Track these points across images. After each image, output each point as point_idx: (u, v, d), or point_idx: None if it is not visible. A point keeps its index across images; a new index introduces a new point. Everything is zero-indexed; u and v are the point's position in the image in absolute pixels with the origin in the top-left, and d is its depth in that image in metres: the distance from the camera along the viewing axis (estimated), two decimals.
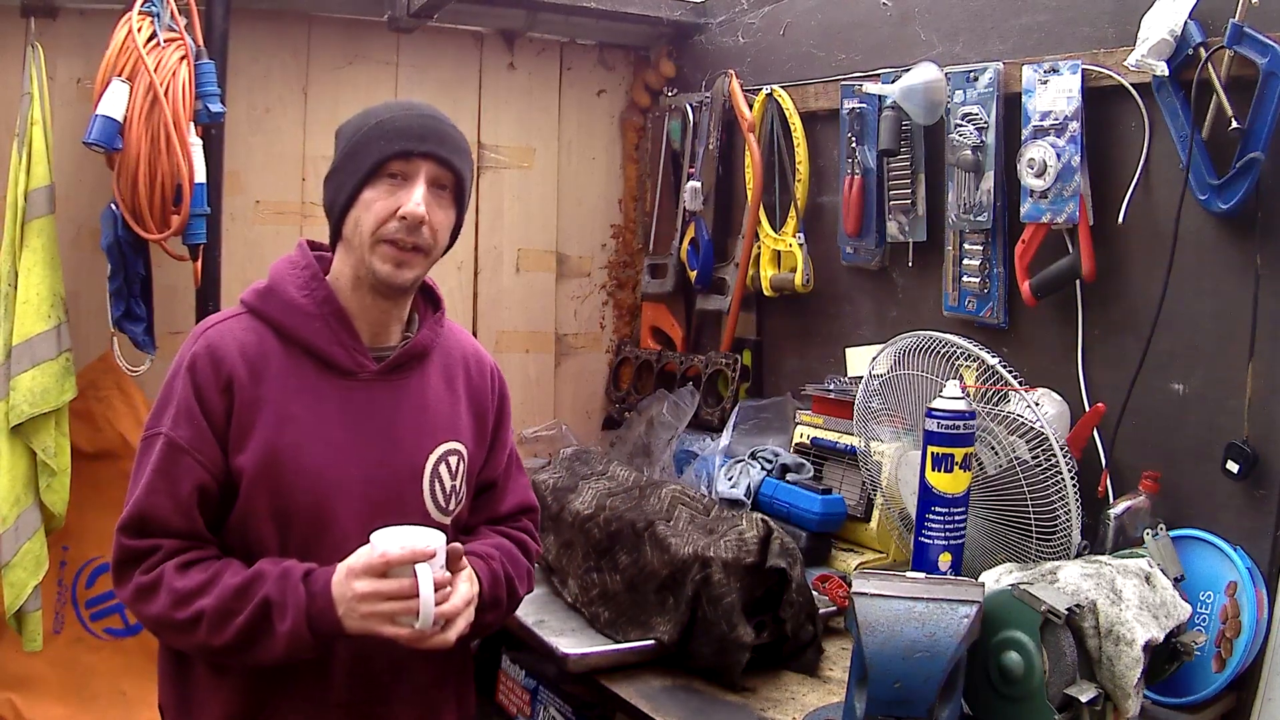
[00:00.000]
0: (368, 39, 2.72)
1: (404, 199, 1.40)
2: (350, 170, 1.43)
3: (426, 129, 1.43)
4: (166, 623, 1.36)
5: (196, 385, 1.39)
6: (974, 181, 2.14)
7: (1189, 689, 1.70)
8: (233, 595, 1.32)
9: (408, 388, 1.50)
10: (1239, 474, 1.75)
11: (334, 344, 1.44)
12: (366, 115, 1.46)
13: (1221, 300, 1.81)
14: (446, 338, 1.59)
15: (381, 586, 1.29)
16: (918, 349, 1.94)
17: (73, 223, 2.36)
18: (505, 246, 2.99)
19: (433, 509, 1.49)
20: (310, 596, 1.31)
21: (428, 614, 1.29)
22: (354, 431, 1.44)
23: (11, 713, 2.32)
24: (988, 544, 1.86)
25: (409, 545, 1.30)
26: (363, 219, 1.42)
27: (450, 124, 1.48)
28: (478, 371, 1.62)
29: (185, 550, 1.37)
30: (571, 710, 1.93)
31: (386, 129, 1.42)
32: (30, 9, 2.28)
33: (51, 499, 2.20)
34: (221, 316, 1.48)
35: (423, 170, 1.42)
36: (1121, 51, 1.85)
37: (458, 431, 1.54)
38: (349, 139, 1.45)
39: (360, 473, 1.43)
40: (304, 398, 1.42)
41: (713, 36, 2.92)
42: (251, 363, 1.41)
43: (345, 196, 1.43)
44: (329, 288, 1.46)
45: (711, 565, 1.71)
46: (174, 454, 1.37)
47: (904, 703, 1.35)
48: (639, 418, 2.81)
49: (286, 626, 1.31)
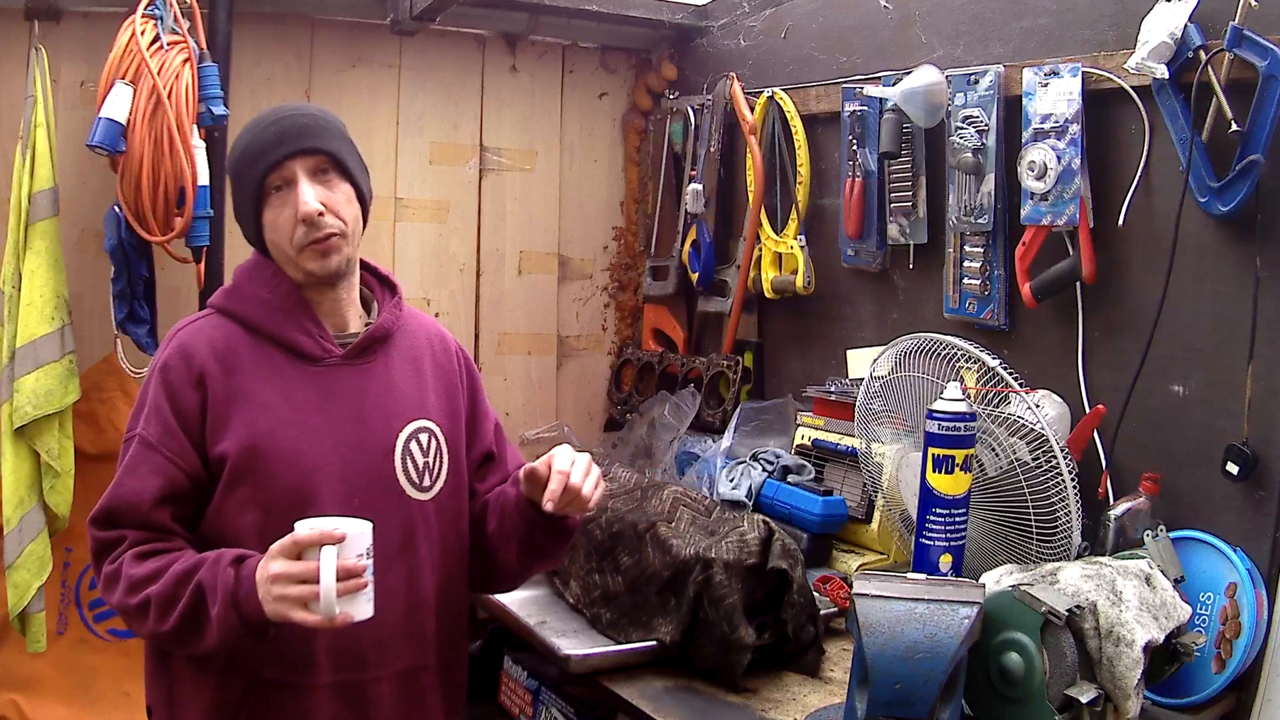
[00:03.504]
0: (370, 42, 2.73)
1: (296, 203, 1.46)
2: (243, 203, 1.52)
3: (284, 131, 1.48)
4: (125, 610, 1.40)
5: (168, 385, 1.45)
6: (975, 184, 2.14)
7: (1189, 690, 1.71)
8: (175, 582, 1.35)
9: (373, 370, 1.54)
10: (1239, 475, 1.75)
11: (299, 332, 1.50)
12: (234, 147, 1.54)
13: (1221, 302, 1.82)
14: (408, 321, 1.63)
15: (290, 568, 1.29)
16: (919, 351, 1.94)
17: (76, 225, 2.37)
18: (507, 249, 3.00)
19: (408, 486, 1.52)
20: (237, 580, 1.33)
21: (328, 598, 1.27)
22: (326, 415, 1.48)
23: (15, 714, 2.33)
24: (988, 545, 1.86)
25: (318, 528, 1.30)
26: (276, 239, 1.50)
27: (308, 111, 1.54)
28: (442, 351, 1.67)
29: (149, 541, 1.41)
30: (573, 711, 1.93)
31: (252, 151, 1.49)
32: (34, 12, 2.29)
33: (55, 500, 2.20)
34: (191, 319, 1.55)
35: (297, 168, 1.47)
36: (1122, 54, 1.85)
37: (426, 410, 1.58)
38: (232, 176, 1.54)
39: (336, 454, 1.47)
40: (276, 385, 1.47)
41: (714, 39, 2.92)
42: (222, 357, 1.46)
43: (252, 227, 1.53)
44: (290, 282, 1.52)
45: (713, 566, 1.71)
46: (144, 451, 1.43)
47: (905, 703, 1.35)
48: (641, 419, 2.82)
49: (216, 610, 1.32)
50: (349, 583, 1.29)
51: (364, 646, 1.47)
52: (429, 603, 1.55)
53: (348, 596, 1.30)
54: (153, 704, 1.53)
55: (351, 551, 1.31)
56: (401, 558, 1.50)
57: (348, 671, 1.47)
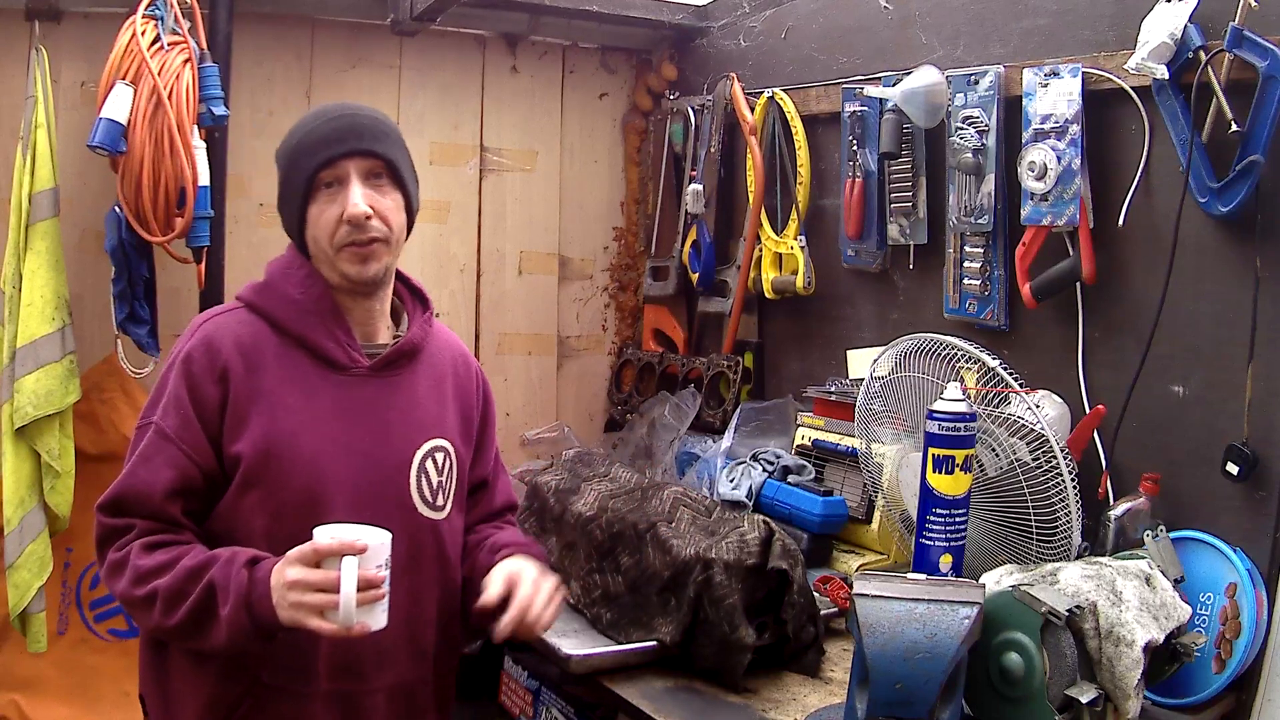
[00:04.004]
0: (371, 42, 2.73)
1: (344, 202, 1.44)
2: (290, 194, 1.49)
3: (343, 129, 1.47)
4: (129, 599, 1.39)
5: (190, 376, 1.42)
6: (975, 184, 2.14)
7: (1189, 690, 1.71)
8: (185, 577, 1.34)
9: (398, 385, 1.53)
10: (1239, 476, 1.75)
11: (328, 338, 1.48)
12: (291, 135, 1.51)
13: (1221, 303, 1.82)
14: (435, 339, 1.62)
15: (309, 576, 1.29)
16: (919, 351, 1.94)
17: (77, 226, 2.37)
18: (508, 249, 3.00)
19: (420, 504, 1.52)
20: (251, 583, 1.32)
21: (348, 607, 1.27)
22: (346, 425, 1.47)
23: (16, 714, 2.33)
24: (988, 545, 1.86)
25: (340, 538, 1.30)
26: (318, 235, 1.47)
27: (369, 114, 1.52)
28: (464, 373, 1.66)
29: (158, 533, 1.40)
30: (574, 711, 1.93)
31: (308, 144, 1.46)
32: (35, 13, 2.29)
33: (55, 501, 2.20)
34: (218, 310, 1.52)
35: (352, 169, 1.46)
36: (1122, 55, 1.86)
37: (445, 430, 1.57)
38: (282, 165, 1.51)
39: (351, 464, 1.46)
40: (298, 390, 1.45)
41: (714, 40, 2.92)
42: (247, 354, 1.44)
43: (295, 220, 1.49)
44: (324, 285, 1.50)
45: (713, 566, 1.71)
46: (160, 441, 1.41)
47: (905, 704, 1.35)
48: (641, 420, 2.82)
49: (227, 611, 1.32)
50: (368, 593, 1.29)
51: (363, 658, 1.47)
52: (430, 619, 1.55)
53: (365, 607, 1.30)
54: (145, 694, 1.52)
55: (371, 562, 1.30)
56: (407, 574, 1.49)
57: (345, 681, 1.47)
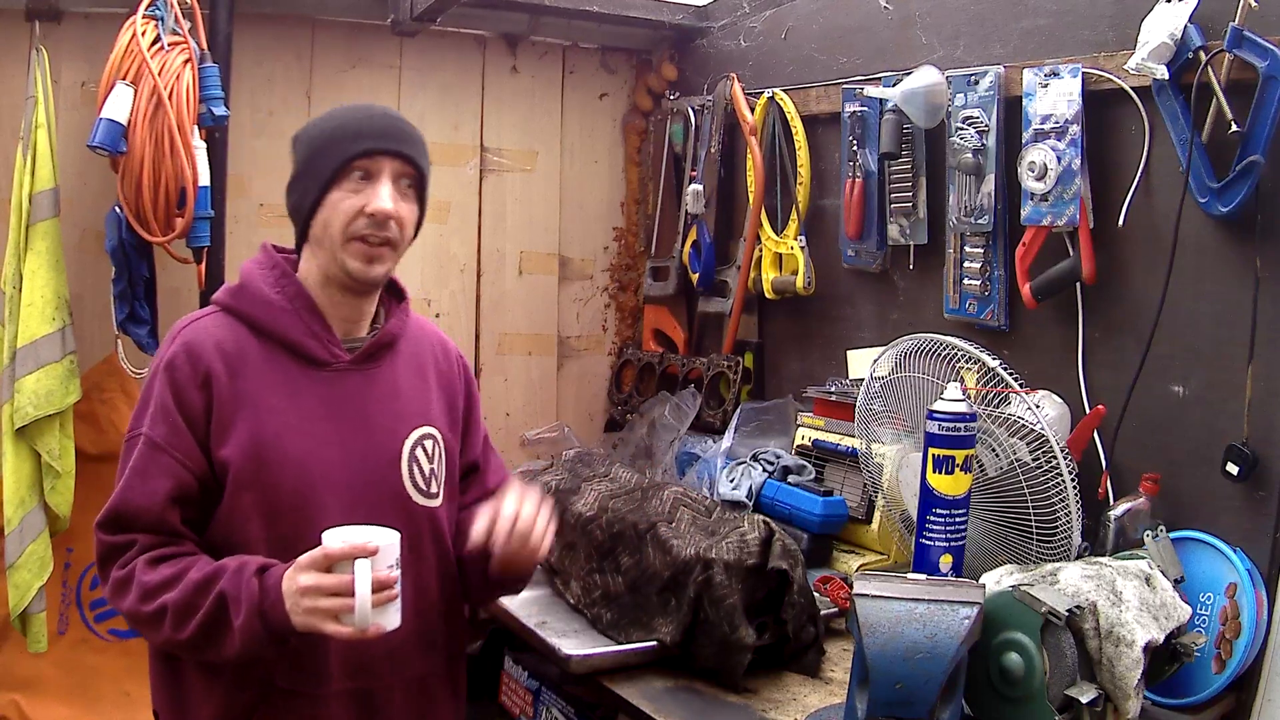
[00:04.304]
0: (371, 42, 2.73)
1: (371, 196, 1.44)
2: (314, 174, 1.46)
3: (388, 128, 1.47)
4: (136, 617, 1.38)
5: (174, 384, 1.42)
6: (975, 184, 2.14)
7: (1189, 690, 1.71)
8: (194, 590, 1.34)
9: (380, 376, 1.53)
10: (1239, 476, 1.75)
11: (307, 335, 1.48)
12: (326, 119, 1.50)
13: (1221, 303, 1.82)
14: (413, 327, 1.62)
15: (322, 581, 1.29)
16: (919, 351, 1.95)
17: (77, 226, 2.37)
18: (508, 249, 3.00)
19: (413, 492, 1.52)
20: (263, 591, 1.32)
21: (363, 610, 1.27)
22: (332, 421, 1.47)
23: (16, 714, 2.33)
24: (988, 545, 1.86)
25: (350, 541, 1.29)
26: (332, 220, 1.45)
27: (407, 122, 1.52)
28: (444, 359, 1.66)
29: (160, 546, 1.39)
30: (574, 711, 1.93)
31: (349, 130, 1.45)
32: (35, 13, 2.29)
33: (56, 501, 2.20)
34: (196, 316, 1.52)
35: (386, 167, 1.45)
36: (1122, 55, 1.86)
37: (430, 417, 1.57)
38: (310, 144, 1.49)
39: (341, 460, 1.46)
40: (282, 390, 1.45)
41: (714, 40, 2.92)
42: (228, 358, 1.44)
43: (312, 199, 1.46)
44: (299, 284, 1.50)
45: (713, 567, 1.71)
46: (151, 452, 1.40)
47: (905, 704, 1.35)
48: (641, 420, 2.82)
49: (240, 621, 1.31)
50: (382, 594, 1.29)
51: (376, 655, 1.47)
52: (436, 608, 1.55)
53: (380, 607, 1.29)
54: (159, 709, 1.51)
55: (383, 563, 1.30)
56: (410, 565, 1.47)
57: (360, 680, 1.47)
